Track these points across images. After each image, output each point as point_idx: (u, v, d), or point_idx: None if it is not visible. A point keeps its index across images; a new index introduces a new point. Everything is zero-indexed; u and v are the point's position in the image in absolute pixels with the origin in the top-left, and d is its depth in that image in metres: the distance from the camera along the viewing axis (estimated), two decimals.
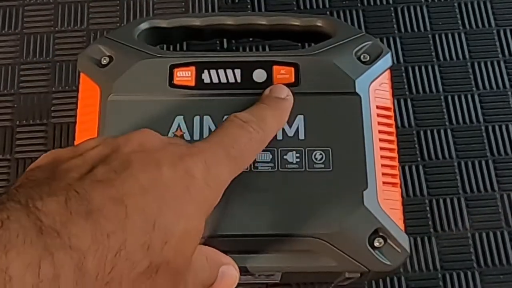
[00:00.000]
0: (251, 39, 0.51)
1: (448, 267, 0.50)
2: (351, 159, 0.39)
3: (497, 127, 0.54)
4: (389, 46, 0.57)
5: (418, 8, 0.58)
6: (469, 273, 0.50)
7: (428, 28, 0.58)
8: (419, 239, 0.51)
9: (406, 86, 0.56)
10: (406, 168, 0.53)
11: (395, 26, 0.58)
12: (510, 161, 0.53)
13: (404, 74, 0.56)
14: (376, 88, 0.42)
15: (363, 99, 0.40)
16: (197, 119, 0.40)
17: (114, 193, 0.26)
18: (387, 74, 0.43)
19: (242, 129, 0.34)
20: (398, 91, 0.55)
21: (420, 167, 0.53)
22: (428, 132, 0.54)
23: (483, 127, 0.54)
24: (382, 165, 0.39)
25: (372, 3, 0.58)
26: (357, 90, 0.40)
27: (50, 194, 0.25)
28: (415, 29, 0.58)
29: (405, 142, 0.53)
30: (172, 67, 0.41)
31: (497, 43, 0.57)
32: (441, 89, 0.55)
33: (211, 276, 0.31)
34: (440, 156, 0.53)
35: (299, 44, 0.50)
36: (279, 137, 0.39)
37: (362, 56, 0.42)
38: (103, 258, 0.24)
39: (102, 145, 0.29)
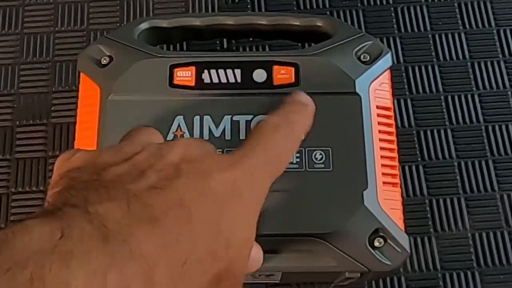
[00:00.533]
0: (251, 39, 0.51)
1: (448, 267, 0.50)
2: (351, 159, 0.39)
3: (497, 127, 0.54)
4: (389, 46, 0.57)
5: (418, 8, 0.58)
6: (469, 273, 0.50)
7: (428, 28, 0.58)
8: (419, 239, 0.51)
9: (406, 86, 0.56)
10: (406, 168, 0.53)
11: (395, 26, 0.58)
12: (510, 161, 0.53)
13: (404, 74, 0.56)
14: (376, 88, 0.42)
15: (363, 99, 0.40)
16: (197, 119, 0.40)
17: (175, 198, 0.25)
18: (387, 74, 0.43)
19: (276, 133, 0.33)
20: (398, 91, 0.55)
21: (420, 167, 0.53)
22: (428, 132, 0.54)
23: (483, 127, 0.54)
24: (382, 165, 0.39)
25: (372, 3, 0.58)
26: (357, 90, 0.40)
27: (110, 199, 0.24)
28: (415, 29, 0.58)
29: (405, 142, 0.53)
30: (172, 67, 0.41)
31: (497, 43, 0.57)
32: (441, 89, 0.55)
33: (246, 265, 0.31)
34: (440, 156, 0.53)
35: (299, 44, 0.50)
36: None
37: (362, 56, 0.42)
38: (174, 265, 0.23)
39: (146, 151, 0.28)
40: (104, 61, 0.42)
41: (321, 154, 0.39)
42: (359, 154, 0.39)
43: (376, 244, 0.37)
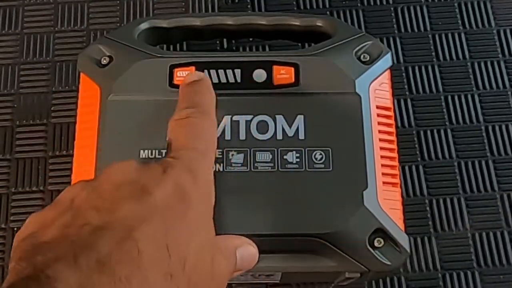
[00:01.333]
0: (251, 39, 0.51)
1: (448, 267, 0.50)
2: (351, 159, 0.39)
3: (497, 127, 0.54)
4: (389, 46, 0.57)
5: (418, 8, 0.58)
6: (469, 273, 0.50)
7: (428, 28, 0.58)
8: (419, 239, 0.51)
9: (406, 86, 0.56)
10: (406, 168, 0.53)
11: (395, 26, 0.58)
12: (510, 161, 0.53)
13: (404, 74, 0.56)
14: (376, 88, 0.42)
15: (363, 99, 0.40)
16: None
17: (119, 234, 0.25)
18: (387, 74, 0.43)
19: (190, 125, 0.33)
20: (398, 91, 0.55)
21: (420, 167, 0.53)
22: (428, 132, 0.54)
23: (483, 127, 0.54)
24: (382, 165, 0.39)
25: (372, 3, 0.58)
26: (357, 90, 0.40)
27: (56, 259, 0.24)
28: (415, 29, 0.58)
29: (405, 142, 0.53)
30: (172, 67, 0.41)
31: (497, 43, 0.57)
32: (441, 89, 0.55)
33: (230, 264, 0.31)
34: (440, 156, 0.53)
35: (299, 44, 0.50)
36: (279, 137, 0.39)
37: (362, 56, 0.42)
38: None
39: (85, 190, 0.28)
40: (104, 61, 0.42)
41: (321, 154, 0.39)
42: (359, 154, 0.39)
43: (376, 244, 0.37)
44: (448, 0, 0.59)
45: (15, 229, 0.51)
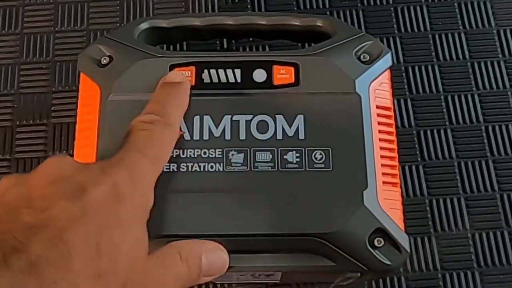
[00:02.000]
0: (251, 39, 0.51)
1: (448, 267, 0.50)
2: (351, 159, 0.39)
3: (497, 127, 0.54)
4: (389, 46, 0.57)
5: (418, 8, 0.58)
6: (469, 273, 0.50)
7: (428, 28, 0.58)
8: (419, 239, 0.51)
9: (406, 86, 0.56)
10: (406, 168, 0.53)
11: (395, 26, 0.58)
12: (510, 161, 0.53)
13: (404, 74, 0.56)
14: (376, 88, 0.42)
15: (363, 99, 0.40)
16: (197, 118, 0.40)
17: (50, 234, 0.25)
18: (387, 74, 0.43)
19: (150, 131, 0.33)
20: (398, 91, 0.55)
21: (420, 167, 0.53)
22: (428, 132, 0.54)
23: (483, 127, 0.54)
24: (382, 165, 0.39)
25: (372, 3, 0.58)
26: (357, 90, 0.40)
27: None
28: (415, 29, 0.58)
29: (405, 142, 0.53)
30: (172, 67, 0.41)
31: (497, 43, 0.57)
32: (441, 89, 0.56)
33: (192, 269, 0.31)
34: (440, 156, 0.53)
35: (299, 44, 0.50)
36: (279, 136, 0.39)
37: (362, 56, 0.42)
38: None
39: (17, 185, 0.28)
40: (104, 61, 0.42)
41: (321, 154, 0.39)
42: (359, 154, 0.39)
43: (376, 244, 0.37)
44: (448, 0, 0.59)
45: None
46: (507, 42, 0.57)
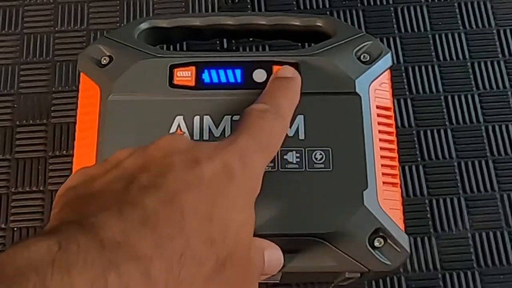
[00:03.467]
0: (251, 39, 0.51)
1: (448, 267, 0.50)
2: (351, 159, 0.39)
3: (497, 127, 0.54)
4: (389, 46, 0.57)
5: (418, 8, 0.58)
6: (469, 273, 0.50)
7: (428, 28, 0.58)
8: (419, 239, 0.51)
9: (406, 86, 0.56)
10: (406, 168, 0.53)
11: (395, 26, 0.58)
12: (510, 161, 0.53)
13: (404, 74, 0.56)
14: (376, 88, 0.42)
15: (363, 98, 0.40)
16: (197, 119, 0.40)
17: (165, 196, 0.26)
18: (387, 74, 0.43)
19: (262, 119, 0.33)
20: (398, 91, 0.55)
21: (420, 167, 0.53)
22: (428, 132, 0.54)
23: (483, 127, 0.54)
24: (382, 165, 0.39)
25: (372, 3, 0.58)
26: (357, 90, 0.40)
27: (101, 209, 0.25)
28: (415, 29, 0.58)
29: (405, 142, 0.53)
30: (172, 67, 0.41)
31: (497, 43, 0.57)
32: (441, 89, 0.56)
33: (259, 265, 0.31)
34: (440, 156, 0.53)
35: (299, 44, 0.50)
36: None
37: (362, 56, 0.42)
38: (170, 262, 0.24)
39: (134, 154, 0.29)
40: (104, 61, 0.42)
41: (321, 154, 0.39)
42: (359, 154, 0.39)
43: (376, 244, 0.37)
44: (448, 0, 0.59)
45: (15, 229, 0.51)
46: (507, 42, 0.57)
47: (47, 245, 0.22)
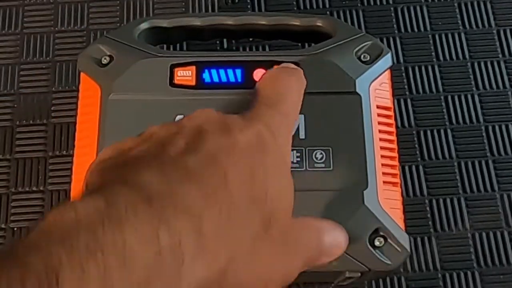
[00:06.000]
0: (251, 39, 0.51)
1: (448, 267, 0.50)
2: (352, 159, 0.39)
3: (497, 127, 0.54)
4: (389, 46, 0.57)
5: (418, 8, 0.58)
6: (469, 273, 0.50)
7: (428, 28, 0.58)
8: (419, 239, 0.51)
9: (406, 86, 0.56)
10: (406, 168, 0.53)
11: (395, 26, 0.58)
12: (510, 161, 0.53)
13: (404, 74, 0.56)
14: (376, 88, 0.42)
15: (363, 98, 0.40)
16: None
17: (205, 157, 0.26)
18: (387, 74, 0.43)
19: (280, 80, 0.33)
20: (398, 91, 0.55)
21: (420, 167, 0.53)
22: (428, 132, 0.54)
23: (483, 127, 0.54)
24: (382, 165, 0.39)
25: (372, 3, 0.58)
26: (357, 90, 0.40)
27: (142, 169, 0.25)
28: (415, 29, 0.58)
29: (405, 142, 0.53)
30: (173, 66, 0.41)
31: (497, 43, 0.57)
32: (441, 89, 0.56)
33: (311, 244, 0.31)
34: (440, 156, 0.53)
35: (299, 44, 0.50)
36: None
37: (362, 56, 0.42)
38: (218, 217, 0.24)
39: (167, 125, 0.29)
40: (105, 60, 0.42)
41: (321, 153, 0.39)
42: (360, 153, 0.39)
43: (377, 243, 0.37)
44: (448, 0, 0.59)
45: (15, 229, 0.51)
46: (507, 42, 0.57)
47: (93, 204, 0.22)
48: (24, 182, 0.52)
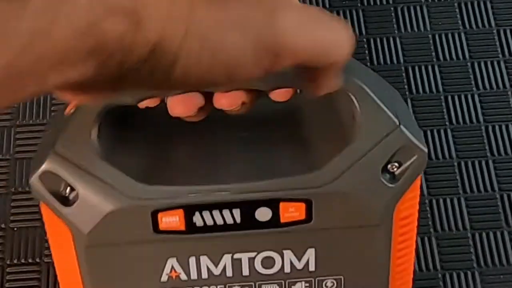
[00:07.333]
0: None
1: (448, 267, 0.50)
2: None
3: (497, 127, 0.54)
4: (389, 46, 0.57)
5: (418, 8, 0.58)
6: (469, 273, 0.50)
7: (428, 28, 0.58)
8: (419, 239, 0.51)
9: (406, 86, 0.56)
10: None
11: (395, 26, 0.58)
12: (510, 161, 0.53)
13: (404, 74, 0.56)
14: (400, 210, 0.35)
15: (385, 229, 0.34)
16: (192, 259, 0.35)
17: None
18: (417, 183, 0.35)
19: None
20: (398, 91, 0.55)
21: None
22: (429, 132, 0.54)
23: (483, 127, 0.54)
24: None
25: (372, 3, 0.58)
26: (378, 222, 0.34)
27: None
28: (415, 29, 0.58)
29: None
30: (155, 213, 0.33)
31: (497, 43, 0.57)
32: (441, 89, 0.56)
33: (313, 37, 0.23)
34: (440, 156, 0.53)
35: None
36: (287, 270, 0.35)
37: (389, 167, 0.34)
38: None
39: None
40: (66, 192, 0.32)
41: (332, 282, 0.36)
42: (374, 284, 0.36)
43: None
44: (448, 0, 0.59)
45: (15, 229, 0.51)
46: (507, 42, 0.57)
47: None
48: (24, 182, 0.52)
